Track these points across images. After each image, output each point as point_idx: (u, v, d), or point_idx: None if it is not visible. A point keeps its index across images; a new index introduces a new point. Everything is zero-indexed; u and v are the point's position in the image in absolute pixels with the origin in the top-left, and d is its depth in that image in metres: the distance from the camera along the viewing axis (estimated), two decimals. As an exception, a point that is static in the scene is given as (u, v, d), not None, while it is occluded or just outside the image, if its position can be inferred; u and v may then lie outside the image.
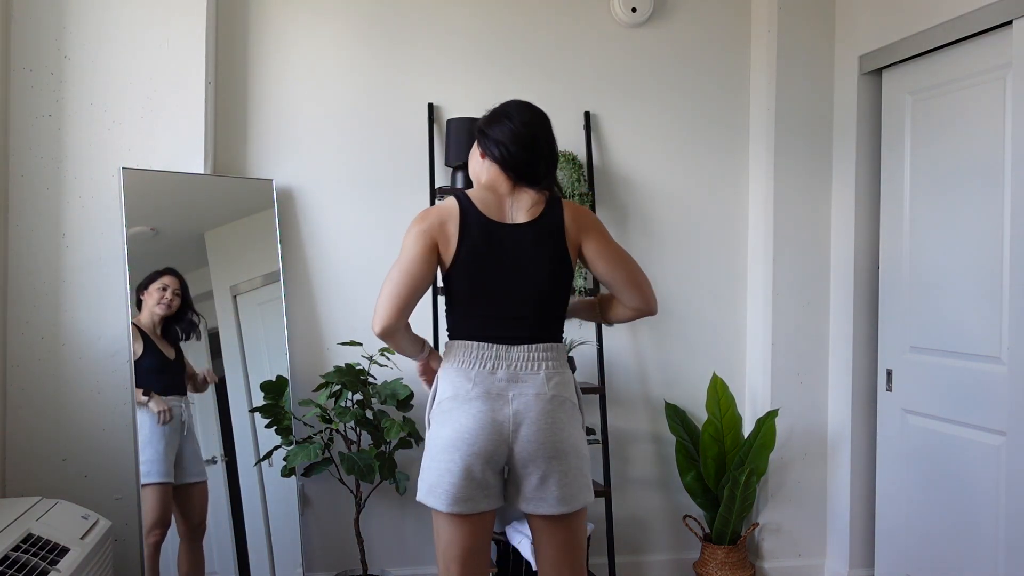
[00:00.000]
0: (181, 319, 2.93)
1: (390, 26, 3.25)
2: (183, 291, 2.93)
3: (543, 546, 2.06)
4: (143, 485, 2.78)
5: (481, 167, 2.12)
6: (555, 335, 2.06)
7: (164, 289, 2.89)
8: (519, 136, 2.04)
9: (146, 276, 2.88)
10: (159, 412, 2.81)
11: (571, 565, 2.06)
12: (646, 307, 2.13)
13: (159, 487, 2.80)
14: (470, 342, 2.01)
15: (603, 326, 3.33)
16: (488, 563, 2.08)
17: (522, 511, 2.02)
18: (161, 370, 2.86)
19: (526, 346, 2.00)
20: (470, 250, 1.99)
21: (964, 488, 2.79)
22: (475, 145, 2.15)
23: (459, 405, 1.96)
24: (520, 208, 2.04)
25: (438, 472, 1.96)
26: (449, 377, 2.01)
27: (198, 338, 2.96)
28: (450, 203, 2.03)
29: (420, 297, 2.01)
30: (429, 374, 2.16)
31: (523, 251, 2.01)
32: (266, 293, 3.09)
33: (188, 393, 2.91)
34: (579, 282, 3.24)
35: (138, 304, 2.86)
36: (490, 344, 1.99)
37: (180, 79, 2.96)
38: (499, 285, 2.01)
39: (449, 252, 2.00)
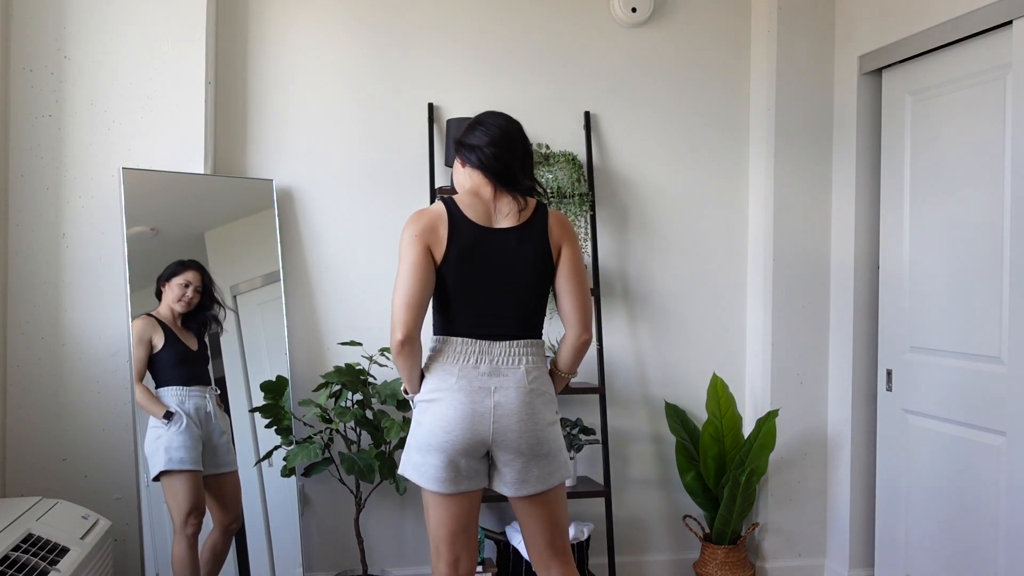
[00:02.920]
0: (200, 314, 2.93)
1: (390, 26, 3.25)
2: (204, 287, 2.94)
3: (528, 526, 2.19)
4: (171, 472, 2.76)
5: (464, 176, 2.23)
6: (535, 332, 2.17)
7: (186, 286, 2.89)
8: (494, 139, 2.15)
9: (169, 267, 2.89)
10: (166, 414, 2.81)
11: (556, 538, 2.18)
12: (582, 327, 2.20)
13: (190, 475, 2.79)
14: (455, 338, 2.11)
15: (603, 326, 3.33)
16: (476, 541, 2.20)
17: (505, 495, 2.14)
18: (183, 361, 2.86)
19: (508, 342, 2.11)
20: (458, 253, 2.09)
21: (964, 488, 2.79)
22: (456, 158, 2.25)
23: (443, 396, 2.08)
24: (505, 213, 2.14)
25: (422, 455, 2.09)
26: (434, 371, 2.12)
27: (220, 332, 2.96)
28: (438, 207, 2.13)
29: (429, 298, 2.11)
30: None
31: (509, 253, 2.12)
32: (266, 293, 3.09)
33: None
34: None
35: (157, 294, 2.87)
36: (474, 340, 2.10)
37: (180, 79, 2.96)
38: (485, 286, 2.12)
39: (439, 254, 2.10)
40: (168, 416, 2.79)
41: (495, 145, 2.14)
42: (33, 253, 2.87)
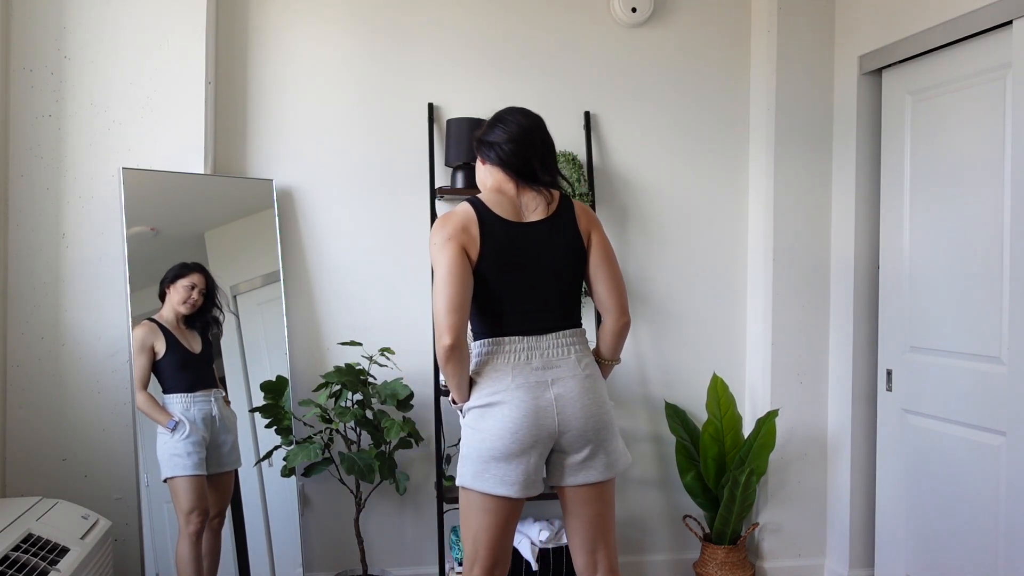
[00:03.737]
0: (203, 315, 2.93)
1: (390, 26, 3.25)
2: (208, 289, 2.94)
3: (580, 517, 2.15)
4: (174, 477, 2.77)
5: (485, 173, 2.22)
6: (577, 321, 2.19)
7: (192, 288, 2.90)
8: (512, 135, 2.14)
9: (173, 269, 2.89)
10: (173, 423, 2.81)
11: (606, 532, 2.17)
12: (620, 310, 2.20)
13: (193, 478, 2.80)
14: (503, 338, 2.10)
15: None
16: (512, 547, 2.18)
17: (563, 485, 2.12)
18: (185, 365, 2.86)
19: (554, 334, 2.12)
20: (494, 249, 2.08)
21: (964, 488, 2.79)
22: (477, 158, 2.25)
23: (502, 397, 2.06)
24: (533, 207, 2.14)
25: (483, 462, 2.05)
26: (487, 374, 2.10)
27: (219, 334, 2.96)
28: (465, 208, 2.11)
29: (470, 300, 2.07)
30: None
31: (542, 246, 2.12)
32: (266, 293, 3.09)
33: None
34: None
35: (161, 296, 2.87)
36: (522, 337, 2.10)
37: (180, 79, 2.96)
38: (523, 281, 2.11)
39: (474, 253, 2.07)
40: (173, 425, 2.80)
41: (513, 141, 2.14)
42: (33, 253, 2.87)
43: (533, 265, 2.11)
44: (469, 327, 2.13)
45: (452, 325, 2.01)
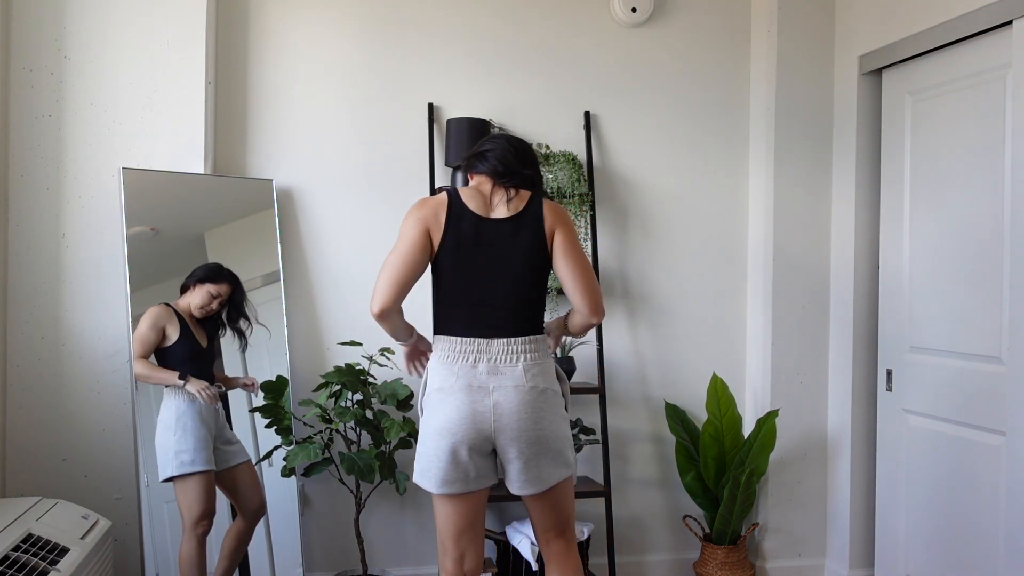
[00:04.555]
0: (212, 319, 2.94)
1: (390, 26, 3.25)
2: (234, 300, 2.96)
3: (534, 518, 2.24)
4: (183, 476, 2.77)
5: (472, 183, 2.28)
6: (535, 327, 2.18)
7: (215, 296, 2.91)
8: (503, 156, 2.20)
9: (204, 268, 2.92)
10: (200, 392, 2.81)
11: (559, 524, 2.23)
12: (590, 311, 2.20)
13: (203, 476, 2.79)
14: (453, 337, 2.14)
15: (603, 326, 3.33)
16: (482, 538, 2.24)
17: (510, 491, 2.18)
18: (194, 357, 2.87)
19: (506, 339, 2.12)
20: (455, 240, 2.13)
21: (964, 488, 2.79)
22: (468, 176, 2.31)
23: (444, 397, 2.11)
24: (502, 203, 2.18)
25: (427, 458, 2.13)
26: (436, 370, 2.16)
27: (246, 347, 2.98)
28: (441, 195, 2.18)
29: (415, 280, 2.15)
30: (415, 357, 2.36)
31: (504, 244, 2.14)
32: (266, 293, 3.09)
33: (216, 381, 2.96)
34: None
35: (184, 289, 2.89)
36: (472, 339, 2.12)
37: (180, 79, 2.96)
38: (481, 277, 2.15)
39: (437, 239, 2.13)
40: (183, 378, 2.80)
41: (497, 156, 2.21)
42: (33, 253, 2.87)
43: (493, 262, 2.13)
44: (432, 319, 2.21)
45: (385, 296, 2.11)
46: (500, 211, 2.16)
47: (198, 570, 2.77)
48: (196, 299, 2.89)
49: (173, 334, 2.84)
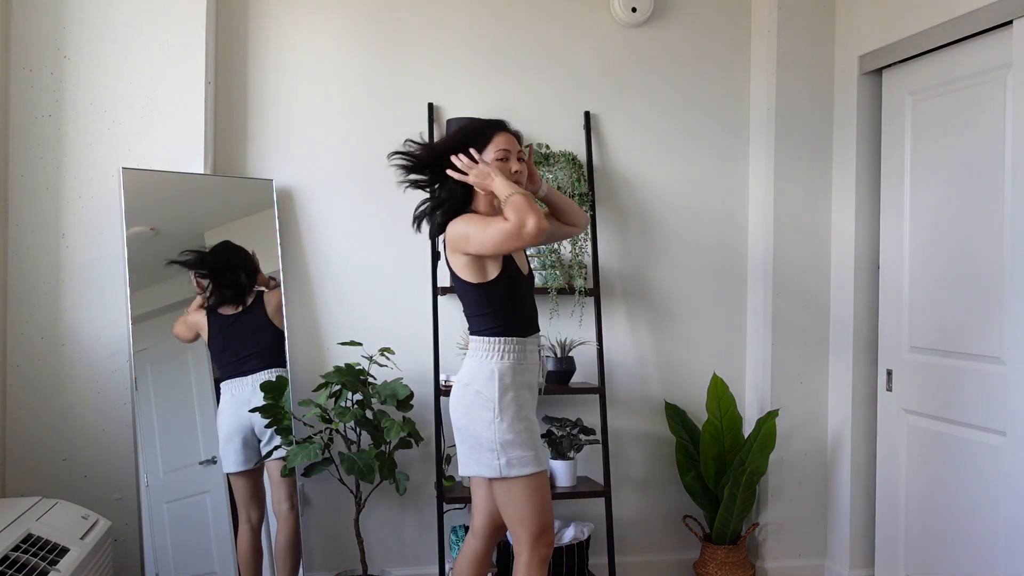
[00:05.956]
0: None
1: (390, 26, 3.25)
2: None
3: None
4: (233, 474, 2.95)
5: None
6: (473, 329, 2.37)
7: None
8: None
9: (189, 258, 2.96)
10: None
11: (486, 514, 2.45)
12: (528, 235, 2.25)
13: (246, 472, 2.97)
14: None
15: (603, 326, 3.32)
16: None
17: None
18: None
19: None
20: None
21: (964, 488, 2.79)
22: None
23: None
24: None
25: (535, 438, 2.28)
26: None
27: (241, 307, 3.02)
28: None
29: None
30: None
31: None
32: (266, 293, 3.09)
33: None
34: (579, 282, 3.24)
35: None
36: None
37: (180, 79, 2.96)
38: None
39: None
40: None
41: None
42: (33, 253, 2.87)
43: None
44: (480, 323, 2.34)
45: (539, 218, 2.19)
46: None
47: (252, 559, 2.96)
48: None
49: (203, 332, 2.95)
